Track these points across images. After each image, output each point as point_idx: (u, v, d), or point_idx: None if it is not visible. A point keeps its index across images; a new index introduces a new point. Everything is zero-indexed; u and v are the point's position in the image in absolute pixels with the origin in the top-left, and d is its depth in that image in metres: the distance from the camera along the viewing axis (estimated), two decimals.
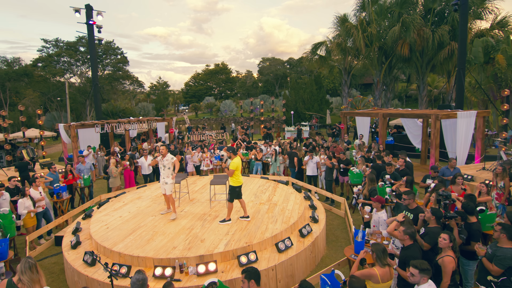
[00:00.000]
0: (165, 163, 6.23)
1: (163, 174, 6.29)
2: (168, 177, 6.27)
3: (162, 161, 6.25)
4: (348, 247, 4.79)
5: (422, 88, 25.34)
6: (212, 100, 52.35)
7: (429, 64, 24.01)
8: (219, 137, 17.21)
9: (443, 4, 22.81)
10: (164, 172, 6.27)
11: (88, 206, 8.30)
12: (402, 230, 3.74)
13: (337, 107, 38.31)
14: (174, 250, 5.01)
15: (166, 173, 6.27)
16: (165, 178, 6.27)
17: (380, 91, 26.18)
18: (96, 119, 15.13)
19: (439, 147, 11.69)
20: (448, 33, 21.08)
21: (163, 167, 6.25)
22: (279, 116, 32.95)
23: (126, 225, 6.13)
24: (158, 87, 54.12)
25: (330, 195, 8.32)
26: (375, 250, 3.34)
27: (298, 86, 30.38)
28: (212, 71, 58.78)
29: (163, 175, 6.29)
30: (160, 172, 6.35)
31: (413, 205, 4.82)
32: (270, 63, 60.17)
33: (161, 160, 6.26)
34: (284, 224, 5.86)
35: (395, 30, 21.84)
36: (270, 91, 58.51)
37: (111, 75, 32.88)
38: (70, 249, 5.58)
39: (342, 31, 24.93)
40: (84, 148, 12.96)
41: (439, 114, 9.63)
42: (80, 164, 9.18)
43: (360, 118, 14.34)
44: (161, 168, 6.29)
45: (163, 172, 6.29)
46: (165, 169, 6.24)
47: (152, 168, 10.77)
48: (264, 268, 4.70)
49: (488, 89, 17.40)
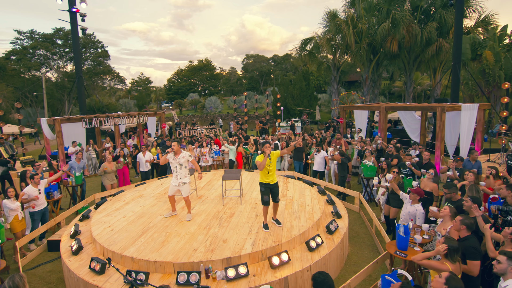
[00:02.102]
0: (182, 161, 5.52)
1: (180, 173, 5.54)
2: (186, 176, 5.58)
3: (176, 159, 5.52)
4: (389, 243, 4.44)
5: (409, 84, 25.76)
6: (196, 96, 51.18)
7: (416, 61, 24.44)
8: (212, 133, 16.61)
9: (430, 2, 23.23)
10: (181, 171, 5.54)
11: (81, 207, 7.53)
12: (459, 220, 3.42)
13: (324, 104, 38.49)
14: (196, 253, 4.47)
15: (183, 173, 5.56)
16: (182, 178, 5.54)
17: (368, 87, 26.40)
18: (81, 114, 14.07)
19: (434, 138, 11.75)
20: (435, 30, 21.47)
21: (179, 166, 5.52)
22: (265, 112, 32.61)
23: (133, 226, 5.50)
24: (140, 83, 52.18)
25: (343, 190, 8.01)
26: (450, 246, 2.99)
27: (287, 82, 30.13)
28: (196, 67, 57.48)
29: (180, 175, 5.54)
30: (174, 171, 5.58)
31: (456, 197, 4.54)
32: (255, 60, 59.66)
33: (175, 158, 5.54)
34: (309, 221, 5.45)
35: (385, 26, 22.00)
36: (255, 88, 58.09)
37: (91, 69, 31.13)
38: (71, 255, 4.89)
39: (332, 27, 24.87)
40: (69, 144, 11.99)
41: (445, 107, 9.56)
42: (74, 162, 8.32)
43: (358, 112, 14.22)
44: (176, 167, 5.54)
45: (179, 172, 5.53)
46: (182, 167, 5.54)
47: (151, 165, 10.04)
48: (299, 270, 4.27)
49: (477, 85, 17.80)
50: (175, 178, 5.56)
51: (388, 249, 4.26)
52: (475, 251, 3.22)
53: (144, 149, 9.98)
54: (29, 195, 5.99)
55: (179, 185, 5.55)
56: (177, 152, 5.52)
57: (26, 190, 6.01)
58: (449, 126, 11.26)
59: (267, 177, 5.03)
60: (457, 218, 3.45)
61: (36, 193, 6.07)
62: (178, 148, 5.51)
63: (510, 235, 3.32)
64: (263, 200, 5.10)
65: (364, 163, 8.12)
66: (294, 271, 4.22)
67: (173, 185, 5.59)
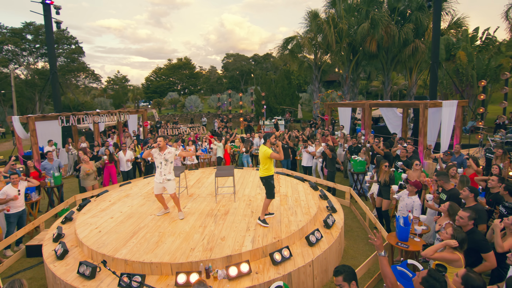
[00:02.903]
0: (167, 156, 5.27)
1: (164, 170, 5.29)
2: (170, 173, 5.32)
3: (161, 154, 5.26)
4: (389, 235, 4.46)
5: (387, 83, 26.55)
6: (176, 95, 50.13)
7: (394, 61, 25.24)
8: (196, 131, 16.27)
9: (406, 4, 24.07)
10: (165, 167, 5.29)
11: (61, 209, 7.05)
12: (467, 216, 3.45)
13: (305, 103, 38.95)
14: (194, 252, 4.26)
15: (167, 169, 5.30)
16: (166, 174, 5.29)
17: (348, 86, 26.94)
18: (55, 112, 13.27)
19: (417, 136, 12.15)
20: (412, 31, 22.26)
21: (164, 162, 5.26)
22: (247, 112, 32.54)
23: (122, 227, 5.19)
24: (116, 81, 50.29)
25: (333, 185, 8.03)
26: (459, 236, 3.00)
27: (269, 81, 30.17)
28: (175, 66, 56.30)
29: (164, 171, 5.29)
30: (158, 167, 5.32)
31: (448, 186, 4.64)
32: (235, 59, 59.38)
33: (160, 154, 5.27)
34: (306, 216, 5.38)
35: (365, 27, 22.52)
36: (235, 87, 57.78)
37: (64, 66, 29.55)
38: (56, 260, 4.53)
39: (314, 26, 25.15)
40: (44, 144, 11.28)
41: (428, 103, 9.87)
42: (46, 162, 7.76)
43: (342, 110, 14.43)
44: (161, 162, 5.28)
45: (163, 168, 5.28)
46: (167, 163, 5.28)
47: (131, 164, 9.62)
48: (301, 265, 4.18)
49: (452, 83, 18.65)
50: (159, 174, 5.32)
51: (389, 241, 4.28)
52: (486, 243, 3.28)
53: (125, 148, 9.55)
54: (8, 195, 5.51)
55: (163, 181, 5.31)
56: (163, 148, 5.28)
57: (5, 190, 5.52)
58: (429, 123, 11.67)
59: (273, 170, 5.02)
60: (463, 215, 3.46)
61: (15, 193, 5.59)
62: (164, 144, 5.28)
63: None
64: (272, 193, 5.01)
65: (353, 158, 8.20)
66: (297, 267, 4.13)
67: (157, 182, 5.35)
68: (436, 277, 2.24)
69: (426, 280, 2.24)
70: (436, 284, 2.21)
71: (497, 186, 4.70)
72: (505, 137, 9.56)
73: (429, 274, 2.27)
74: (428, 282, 2.23)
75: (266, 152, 4.86)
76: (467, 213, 3.46)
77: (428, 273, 2.27)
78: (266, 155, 4.86)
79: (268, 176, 4.96)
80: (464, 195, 4.19)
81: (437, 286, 2.21)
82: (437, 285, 2.21)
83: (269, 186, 5.00)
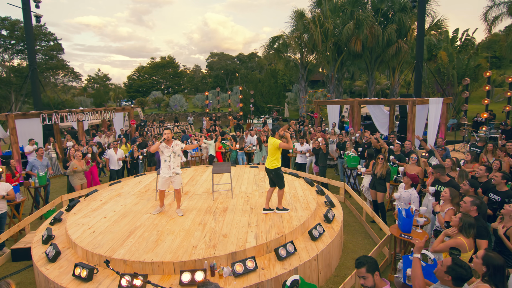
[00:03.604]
0: (176, 149, 5.15)
1: (173, 163, 5.16)
2: (178, 166, 5.22)
3: (169, 147, 5.12)
4: (392, 227, 4.49)
5: (371, 83, 27.12)
6: (159, 95, 49.18)
7: (377, 61, 25.81)
8: (183, 129, 15.99)
9: (389, 5, 24.68)
10: (175, 160, 5.18)
11: (47, 210, 6.69)
12: (469, 201, 3.53)
13: (290, 102, 39.20)
14: (196, 250, 4.13)
15: (176, 162, 5.20)
16: (175, 168, 5.17)
17: (334, 85, 27.32)
18: (35, 110, 12.65)
19: (402, 132, 12.48)
20: (395, 31, 22.84)
21: (173, 155, 5.14)
22: (232, 111, 32.38)
23: (117, 226, 4.97)
24: (97, 80, 48.64)
25: (327, 181, 8.07)
26: (465, 222, 3.04)
27: (255, 80, 30.13)
28: (158, 65, 55.16)
29: (173, 165, 5.16)
30: (167, 161, 5.17)
31: (445, 178, 4.73)
32: (220, 58, 58.92)
33: (167, 147, 5.13)
34: (306, 211, 5.35)
35: (350, 26, 22.88)
36: (220, 86, 57.30)
37: (42, 64, 28.26)
38: (48, 263, 4.26)
39: (300, 26, 25.31)
40: (24, 143, 10.71)
41: (416, 100, 10.13)
42: (35, 159, 7.36)
43: (331, 108, 14.58)
44: (170, 156, 5.15)
45: (173, 161, 5.16)
46: (176, 156, 5.18)
47: (122, 163, 9.30)
48: (307, 260, 4.14)
49: (433, 82, 19.28)
50: (168, 168, 5.16)
51: (393, 233, 4.31)
52: (485, 230, 3.34)
53: (116, 145, 9.23)
54: None
55: (173, 175, 5.17)
56: (170, 141, 5.13)
57: None
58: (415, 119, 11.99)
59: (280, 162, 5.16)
60: (467, 199, 3.54)
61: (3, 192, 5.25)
62: (170, 136, 5.13)
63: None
64: (283, 183, 5.20)
65: (347, 154, 8.27)
66: (302, 262, 4.09)
67: (165, 177, 5.18)
68: (461, 265, 2.24)
69: (452, 268, 2.24)
70: (463, 271, 2.22)
71: (484, 176, 4.88)
72: (489, 133, 9.96)
73: (454, 262, 2.27)
74: (454, 270, 2.23)
75: (275, 143, 5.00)
76: (471, 198, 3.54)
77: (453, 261, 2.27)
78: (276, 146, 4.99)
79: (277, 168, 5.12)
80: (464, 189, 4.28)
81: (464, 273, 2.22)
82: (464, 272, 2.22)
83: (279, 177, 5.16)
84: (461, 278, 2.22)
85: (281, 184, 5.19)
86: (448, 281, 2.26)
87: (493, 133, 10.06)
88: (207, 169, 8.81)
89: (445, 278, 2.27)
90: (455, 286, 2.25)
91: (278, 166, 5.12)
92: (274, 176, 5.15)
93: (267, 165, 5.20)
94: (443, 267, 2.31)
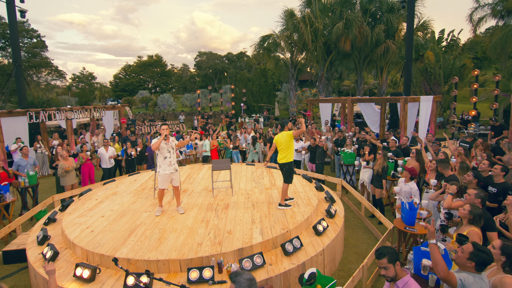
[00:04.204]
0: (173, 144, 5.10)
1: (172, 159, 5.08)
2: (176, 163, 5.16)
3: (168, 143, 5.01)
4: (396, 220, 4.54)
5: (359, 82, 27.50)
6: (147, 94, 48.38)
7: (366, 61, 26.22)
8: (177, 129, 15.77)
9: (377, 6, 25.10)
10: (173, 156, 5.11)
11: (38, 211, 6.43)
12: (474, 194, 3.60)
13: (280, 101, 39.34)
14: (202, 247, 4.05)
15: (174, 158, 5.15)
16: (175, 164, 5.11)
17: (323, 84, 27.58)
18: (21, 108, 12.17)
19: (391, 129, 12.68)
20: (383, 31, 23.26)
21: (172, 150, 5.07)
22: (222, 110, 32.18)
23: (117, 225, 4.82)
24: (82, 79, 47.32)
25: (324, 177, 8.11)
26: (475, 213, 3.10)
27: (246, 79, 30.07)
28: (146, 63, 54.22)
29: (173, 161, 5.09)
30: (167, 158, 5.04)
31: (447, 172, 4.83)
32: (208, 57, 58.47)
33: (166, 142, 5.00)
34: (308, 207, 5.35)
35: (340, 26, 23.13)
36: (209, 86, 56.92)
37: (24, 61, 27.22)
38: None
39: (290, 25, 25.41)
40: (9, 142, 10.29)
41: (408, 98, 10.32)
42: (21, 159, 7.06)
43: (323, 106, 14.70)
44: (169, 152, 5.05)
45: (172, 157, 5.07)
46: (173, 152, 5.10)
47: (114, 161, 9.07)
48: (313, 255, 4.13)
49: (421, 82, 19.74)
50: (168, 165, 5.04)
51: (398, 226, 4.35)
52: (493, 222, 3.42)
53: (107, 144, 8.98)
54: None
55: (174, 171, 5.08)
56: (168, 137, 5.03)
57: None
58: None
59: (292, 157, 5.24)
60: (471, 192, 3.61)
61: None
62: (169, 132, 5.03)
63: None
64: (291, 178, 5.23)
65: (343, 150, 8.34)
66: (309, 256, 4.08)
67: (167, 173, 5.04)
68: (483, 250, 2.27)
69: (475, 254, 2.26)
70: (485, 256, 2.24)
71: (486, 170, 5.00)
72: (478, 129, 10.26)
73: (476, 247, 2.29)
74: (477, 256, 2.25)
75: (288, 134, 5.08)
76: (475, 191, 3.61)
77: (475, 247, 2.30)
78: (289, 137, 5.08)
79: (289, 162, 5.17)
80: (468, 179, 4.36)
81: (487, 258, 2.24)
82: (486, 257, 2.24)
83: (289, 172, 5.19)
84: (484, 263, 2.25)
85: (289, 179, 5.22)
86: (471, 267, 2.28)
87: (482, 129, 10.39)
88: (203, 167, 8.70)
89: (468, 264, 2.30)
90: (477, 271, 2.28)
91: (291, 160, 5.18)
92: (286, 171, 5.19)
93: (279, 160, 5.23)
94: (464, 254, 2.33)
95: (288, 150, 5.16)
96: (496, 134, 8.92)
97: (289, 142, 5.15)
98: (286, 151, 5.16)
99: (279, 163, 5.30)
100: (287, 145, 5.16)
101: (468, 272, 2.30)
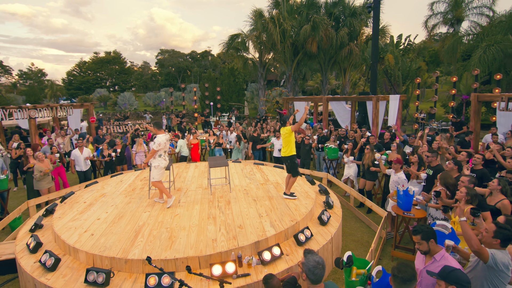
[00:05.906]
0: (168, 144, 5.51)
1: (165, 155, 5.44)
2: None
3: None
4: (394, 207, 4.91)
5: (325, 82, 28.74)
6: (105, 92, 45.63)
7: (331, 62, 27.47)
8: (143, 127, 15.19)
9: (341, 10, 26.42)
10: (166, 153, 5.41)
11: (14, 218, 5.84)
12: (467, 180, 4.03)
13: (247, 100, 39.55)
14: (218, 243, 4.04)
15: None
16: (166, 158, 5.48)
17: (291, 84, 28.33)
18: None
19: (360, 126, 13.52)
20: (347, 34, 24.56)
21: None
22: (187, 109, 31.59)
23: (118, 227, 4.59)
24: (30, 75, 43.03)
25: (309, 172, 8.41)
26: (471, 193, 3.50)
27: (214, 78, 29.77)
28: (103, 60, 51.06)
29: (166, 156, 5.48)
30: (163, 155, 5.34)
31: (435, 163, 5.33)
32: (170, 55, 56.71)
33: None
34: (308, 199, 5.55)
35: (307, 28, 23.95)
36: (172, 85, 55.29)
37: None
38: (47, 273, 3.77)
39: (259, 25, 25.70)
40: None
41: (379, 97, 11.08)
42: None
43: (298, 104, 15.15)
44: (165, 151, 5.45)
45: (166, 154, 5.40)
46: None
47: (91, 163, 8.49)
48: (324, 243, 4.33)
49: (381, 82, 21.19)
50: (164, 159, 5.30)
51: (397, 212, 4.72)
52: (485, 203, 3.87)
53: (82, 145, 8.39)
54: None
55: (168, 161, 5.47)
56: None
57: None
58: (373, 114, 13.11)
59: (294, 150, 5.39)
60: (464, 178, 4.04)
61: None
62: None
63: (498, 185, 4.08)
64: (297, 171, 5.39)
65: (327, 146, 8.72)
66: (321, 245, 4.27)
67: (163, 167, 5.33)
68: (505, 227, 2.57)
69: (500, 232, 2.55)
70: (508, 232, 2.53)
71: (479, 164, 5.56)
72: (441, 125, 11.35)
73: (499, 226, 2.57)
74: (502, 233, 2.53)
75: (287, 129, 5.27)
76: (467, 177, 4.06)
77: (498, 225, 2.58)
78: (289, 131, 5.26)
79: (292, 155, 5.34)
80: (449, 167, 4.88)
81: (510, 234, 2.53)
82: (509, 233, 2.53)
83: (294, 165, 5.35)
84: (508, 239, 2.55)
85: (294, 172, 5.40)
86: (496, 244, 2.57)
87: (444, 125, 11.54)
88: (190, 165, 8.53)
89: (494, 242, 2.58)
90: (502, 247, 2.57)
91: (294, 154, 5.35)
92: (289, 164, 5.38)
93: (283, 153, 5.43)
94: (489, 233, 2.61)
95: (289, 144, 5.38)
96: (456, 129, 9.97)
97: (289, 137, 5.35)
98: (288, 145, 5.37)
99: (282, 157, 5.51)
100: (287, 139, 5.36)
101: (493, 249, 2.58)
